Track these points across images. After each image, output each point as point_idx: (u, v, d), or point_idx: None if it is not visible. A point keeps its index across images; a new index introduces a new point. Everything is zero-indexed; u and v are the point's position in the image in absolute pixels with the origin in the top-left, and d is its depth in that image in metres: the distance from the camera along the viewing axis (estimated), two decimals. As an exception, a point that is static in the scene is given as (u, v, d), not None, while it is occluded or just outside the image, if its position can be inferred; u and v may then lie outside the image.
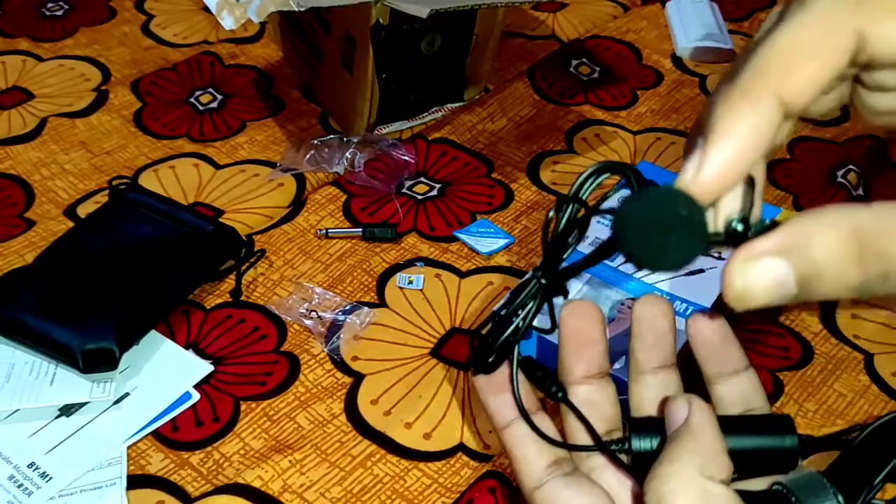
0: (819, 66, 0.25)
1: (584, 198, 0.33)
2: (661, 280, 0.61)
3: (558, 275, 0.34)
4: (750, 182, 0.28)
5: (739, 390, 0.39)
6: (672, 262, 0.28)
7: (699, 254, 0.28)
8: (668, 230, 0.27)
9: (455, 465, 0.57)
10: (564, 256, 0.34)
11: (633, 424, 0.37)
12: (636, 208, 0.28)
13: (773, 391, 0.61)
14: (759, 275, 0.26)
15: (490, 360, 0.37)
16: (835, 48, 0.24)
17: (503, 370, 0.37)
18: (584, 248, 0.39)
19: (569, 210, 0.33)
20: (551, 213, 0.33)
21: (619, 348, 0.56)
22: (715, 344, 0.38)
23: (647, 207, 0.28)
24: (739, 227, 0.27)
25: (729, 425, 0.37)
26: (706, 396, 0.40)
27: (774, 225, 0.26)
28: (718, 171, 0.26)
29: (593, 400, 0.38)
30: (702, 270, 0.61)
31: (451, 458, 0.57)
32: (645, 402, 0.39)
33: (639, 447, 0.36)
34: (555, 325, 0.37)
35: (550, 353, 0.40)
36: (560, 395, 0.38)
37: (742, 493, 0.35)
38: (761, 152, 0.26)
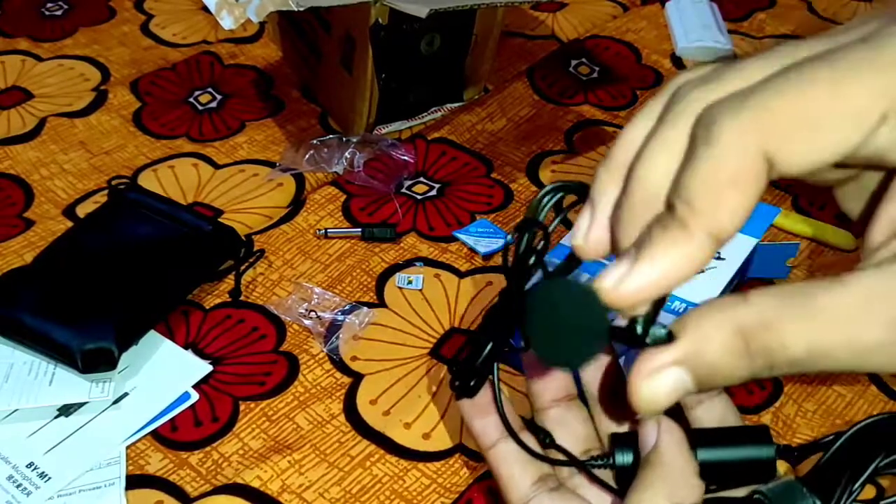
0: (741, 197, 0.26)
1: (541, 219, 0.33)
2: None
3: (524, 297, 0.35)
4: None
5: (715, 413, 0.40)
6: (568, 363, 0.30)
7: (595, 357, 0.30)
8: (570, 333, 0.29)
9: (454, 466, 0.57)
10: (528, 278, 0.34)
11: (615, 439, 0.38)
12: (545, 305, 0.29)
13: (773, 391, 0.61)
14: (661, 385, 0.28)
15: (472, 383, 0.37)
16: (749, 177, 0.26)
17: (486, 393, 0.38)
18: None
19: (527, 234, 0.33)
20: (510, 237, 0.34)
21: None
22: None
23: (555, 306, 0.29)
24: (639, 331, 0.29)
25: (708, 438, 0.37)
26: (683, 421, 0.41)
27: (670, 335, 0.28)
28: (641, 289, 0.27)
29: (565, 421, 0.39)
30: (701, 270, 0.61)
31: (450, 459, 0.57)
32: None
33: (622, 461, 0.37)
34: (528, 346, 0.38)
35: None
36: (548, 441, 0.38)
37: (722, 501, 0.35)
38: (687, 280, 0.28)
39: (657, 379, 0.28)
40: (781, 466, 0.55)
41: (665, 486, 0.34)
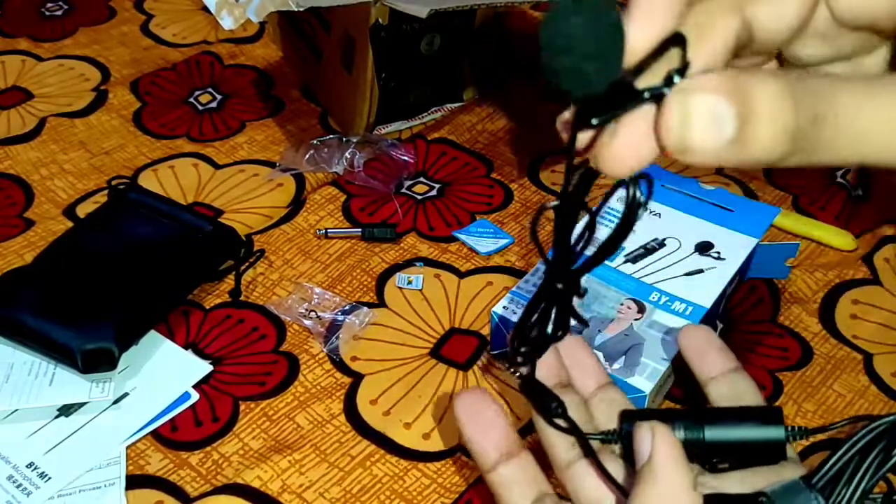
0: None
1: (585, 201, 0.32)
2: (660, 280, 0.61)
3: (573, 275, 0.34)
4: (681, 41, 0.26)
5: (730, 390, 0.40)
6: (594, 83, 0.25)
7: (618, 73, 0.25)
8: (593, 46, 0.24)
9: (454, 466, 0.57)
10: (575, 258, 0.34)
11: (625, 416, 0.38)
12: (562, 22, 0.24)
13: (773, 391, 0.61)
14: (698, 107, 0.24)
15: (522, 358, 0.37)
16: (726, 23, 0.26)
17: (486, 408, 0.39)
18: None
19: (585, 177, 0.31)
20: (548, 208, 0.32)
21: (619, 348, 0.56)
22: (701, 348, 0.42)
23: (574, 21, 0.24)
24: (677, 79, 0.25)
25: (717, 417, 0.37)
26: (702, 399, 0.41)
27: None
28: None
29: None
30: (701, 271, 0.61)
31: (450, 459, 0.57)
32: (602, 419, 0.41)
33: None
34: (584, 323, 0.37)
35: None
36: (560, 410, 0.38)
37: (726, 498, 0.36)
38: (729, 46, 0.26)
39: (695, 98, 0.24)
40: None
41: None
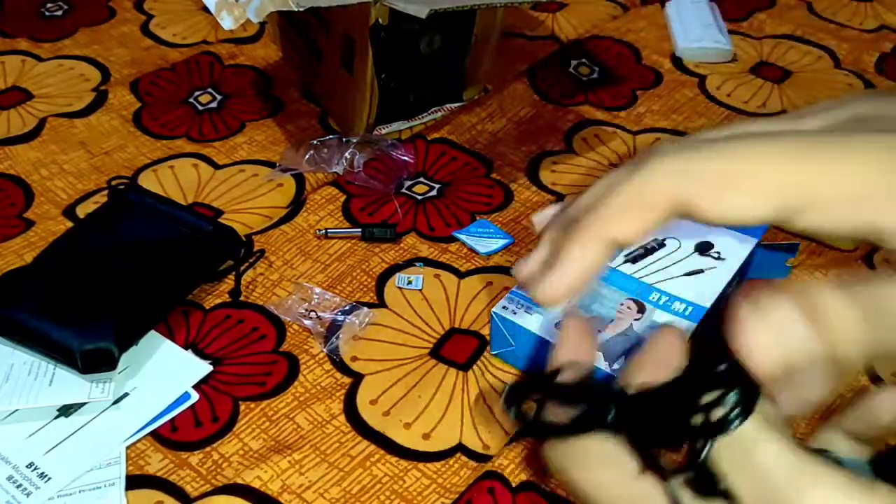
0: (640, 221, 0.29)
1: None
2: (660, 280, 0.61)
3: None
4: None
5: None
6: None
7: None
8: None
9: (454, 466, 0.57)
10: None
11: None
12: None
13: (773, 391, 0.61)
14: None
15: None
16: (652, 211, 0.29)
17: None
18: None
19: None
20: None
21: (619, 349, 0.56)
22: None
23: None
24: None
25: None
26: None
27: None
28: (565, 286, 0.31)
29: None
30: (701, 271, 0.61)
31: (450, 459, 0.57)
32: None
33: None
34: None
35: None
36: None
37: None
38: (594, 274, 0.31)
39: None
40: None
41: None
